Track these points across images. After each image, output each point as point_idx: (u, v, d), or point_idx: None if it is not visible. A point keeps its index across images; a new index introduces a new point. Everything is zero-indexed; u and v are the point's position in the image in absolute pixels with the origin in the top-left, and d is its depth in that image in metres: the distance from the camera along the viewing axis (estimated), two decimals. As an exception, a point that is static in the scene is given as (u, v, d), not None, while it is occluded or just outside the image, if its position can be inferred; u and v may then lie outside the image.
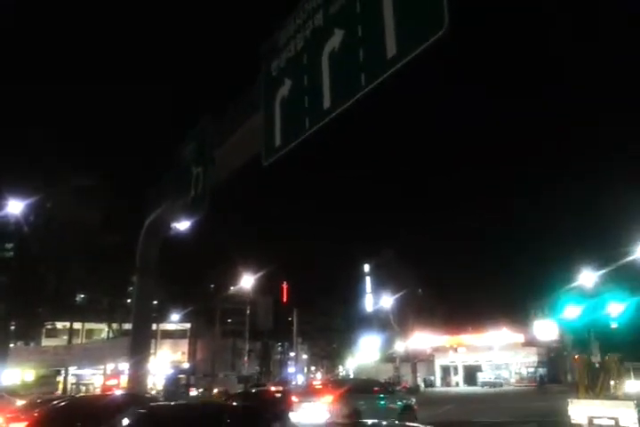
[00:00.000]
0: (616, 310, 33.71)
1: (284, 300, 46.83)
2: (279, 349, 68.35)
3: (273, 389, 28.07)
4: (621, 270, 34.39)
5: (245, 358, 53.48)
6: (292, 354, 66.66)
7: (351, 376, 66.18)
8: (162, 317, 47.03)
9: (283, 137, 9.96)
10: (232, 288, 45.76)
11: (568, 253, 46.46)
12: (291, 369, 65.35)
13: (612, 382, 16.94)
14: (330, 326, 65.76)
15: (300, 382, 55.55)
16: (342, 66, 8.47)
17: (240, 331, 53.77)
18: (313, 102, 9.14)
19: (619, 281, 37.65)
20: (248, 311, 50.54)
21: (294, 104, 9.51)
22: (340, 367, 76.97)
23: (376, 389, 19.08)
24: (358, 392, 17.73)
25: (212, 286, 51.14)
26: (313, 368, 77.45)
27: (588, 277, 35.40)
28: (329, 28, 8.44)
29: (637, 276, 38.22)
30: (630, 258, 30.84)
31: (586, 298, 35.95)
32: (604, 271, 34.27)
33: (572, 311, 35.55)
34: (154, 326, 40.67)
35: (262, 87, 10.27)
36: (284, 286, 45.62)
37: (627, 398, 15.90)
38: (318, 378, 69.20)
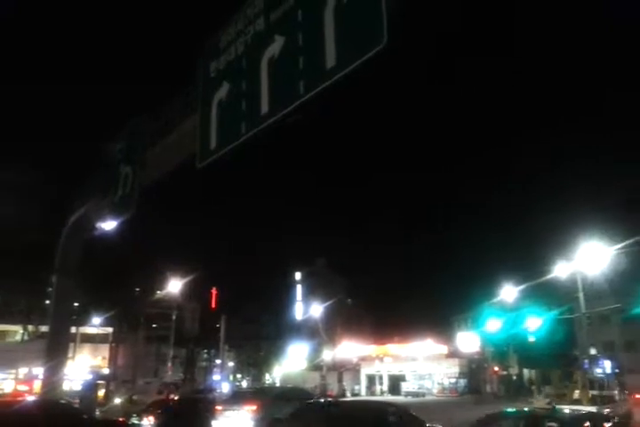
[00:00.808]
0: (534, 324, 35.27)
1: (213, 306, 45.97)
2: (205, 356, 67.03)
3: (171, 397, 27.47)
4: (540, 287, 36.02)
5: (169, 365, 52.06)
6: (219, 361, 65.51)
7: (277, 384, 65.78)
8: (82, 319, 45.07)
9: (218, 140, 9.81)
10: (159, 292, 44.52)
11: (491, 268, 48.37)
12: (216, 377, 64.18)
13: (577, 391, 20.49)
14: (258, 334, 65.20)
15: (225, 390, 54.55)
16: (282, 73, 8.44)
17: (165, 336, 52.32)
18: (250, 107, 9.06)
19: (537, 297, 39.48)
20: (174, 317, 49.27)
21: (231, 108, 9.40)
22: (267, 375, 76.35)
23: (302, 397, 19.08)
24: (283, 400, 17.66)
25: (138, 289, 49.58)
26: (239, 376, 76.44)
27: (509, 292, 36.88)
28: (270, 35, 8.41)
29: (554, 293, 40.20)
30: (549, 276, 32.38)
31: (506, 312, 37.47)
32: (524, 287, 35.78)
33: (493, 325, 36.97)
34: (73, 329, 38.89)
35: (200, 89, 10.09)
36: (214, 291, 44.81)
37: (590, 403, 18.50)
38: (244, 386, 68.36)
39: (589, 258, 28.05)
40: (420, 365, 62.37)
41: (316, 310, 56.53)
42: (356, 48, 7.35)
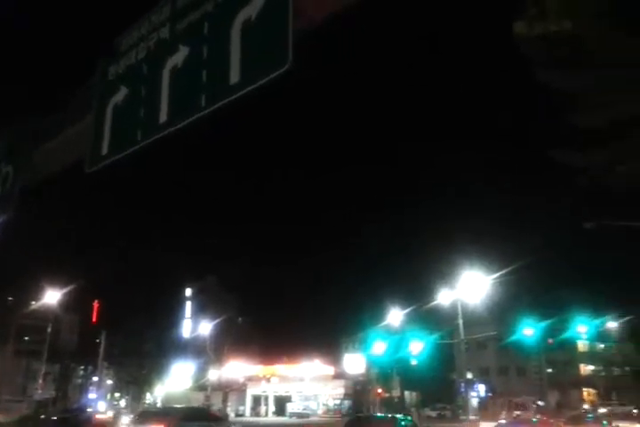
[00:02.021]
0: (417, 348, 36.67)
1: (94, 319, 43.31)
2: (81, 372, 62.98)
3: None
4: (425, 312, 37.60)
5: (40, 382, 48.30)
6: (96, 379, 61.77)
7: (159, 404, 63.28)
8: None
9: (111, 146, 9.34)
10: (34, 303, 41.30)
11: (380, 292, 49.86)
12: (92, 395, 60.39)
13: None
14: (141, 351, 62.20)
15: (101, 410, 51.44)
16: (183, 84, 8.26)
17: (37, 351, 48.54)
18: (148, 115, 8.73)
19: (422, 322, 41.18)
20: (49, 329, 45.86)
21: (128, 114, 9.03)
22: (148, 395, 72.94)
23: (207, 417, 19.79)
24: (190, 420, 18.15)
25: (11, 298, 45.81)
26: (118, 395, 72.45)
27: (395, 316, 38.11)
28: (174, 44, 8.24)
29: (438, 318, 42.13)
30: (433, 303, 33.93)
31: (392, 336, 38.66)
32: (409, 312, 37.17)
33: (379, 347, 37.96)
34: None
35: (96, 90, 9.64)
36: (96, 304, 42.27)
37: None
38: (122, 405, 64.85)
39: (470, 287, 29.70)
40: (307, 385, 62.50)
41: (205, 327, 55.13)
42: (260, 67, 7.35)
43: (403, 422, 18.77)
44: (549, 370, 59.94)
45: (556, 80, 7.37)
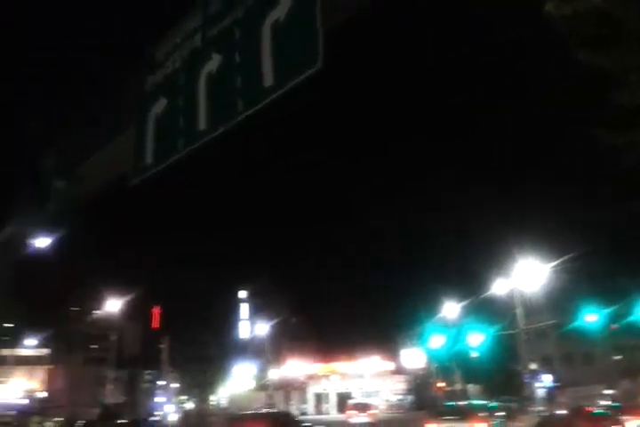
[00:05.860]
0: (476, 340, 36.02)
1: (155, 325, 44.53)
2: (148, 377, 64.96)
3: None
4: (481, 303, 36.94)
5: (109, 387, 50.15)
6: (162, 383, 63.64)
7: (222, 405, 64.58)
8: (15, 341, 42.92)
9: (154, 156, 9.63)
10: (98, 312, 42.91)
11: (434, 285, 49.22)
12: (159, 399, 62.26)
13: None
14: (203, 354, 63.65)
15: (169, 413, 52.99)
16: (220, 90, 8.43)
17: (105, 358, 50.41)
18: (188, 123, 8.98)
19: (479, 313, 40.46)
20: (113, 337, 47.51)
21: (168, 123, 9.28)
22: (213, 396, 74.60)
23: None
24: None
25: (75, 309, 47.69)
26: (184, 398, 74.36)
27: (451, 308, 37.55)
28: (207, 51, 8.41)
29: (495, 309, 41.29)
30: (488, 293, 33.28)
31: (449, 329, 38.13)
32: (465, 304, 36.57)
33: (436, 341, 37.50)
34: (4, 352, 36.96)
35: (135, 102, 9.93)
36: (156, 310, 43.46)
37: None
38: (189, 408, 66.54)
39: (527, 275, 28.98)
40: (367, 382, 62.50)
41: (262, 328, 55.90)
42: (292, 68, 7.45)
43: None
44: (617, 357, 57.62)
45: (591, 58, 7.10)
